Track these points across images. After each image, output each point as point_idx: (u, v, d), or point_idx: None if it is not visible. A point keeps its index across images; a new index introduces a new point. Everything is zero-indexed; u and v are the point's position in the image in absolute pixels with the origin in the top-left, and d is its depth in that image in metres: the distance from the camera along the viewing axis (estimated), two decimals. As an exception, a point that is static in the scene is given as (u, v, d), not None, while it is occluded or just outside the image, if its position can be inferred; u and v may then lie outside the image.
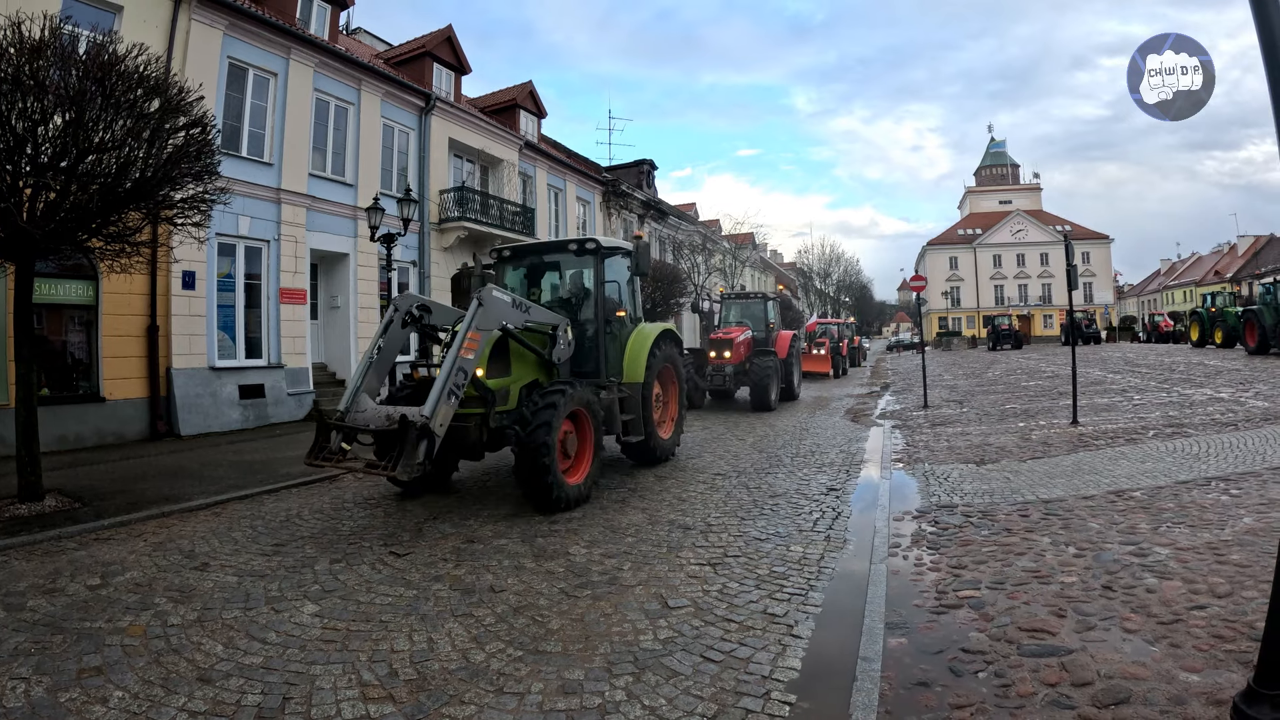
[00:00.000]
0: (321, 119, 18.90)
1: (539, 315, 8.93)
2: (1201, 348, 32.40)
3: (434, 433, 6.83)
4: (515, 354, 8.71)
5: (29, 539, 6.94)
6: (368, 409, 7.62)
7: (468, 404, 7.84)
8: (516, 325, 8.39)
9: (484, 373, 8.02)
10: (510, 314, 8.25)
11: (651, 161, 41.72)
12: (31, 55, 7.10)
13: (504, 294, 8.24)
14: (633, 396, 10.21)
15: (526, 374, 8.84)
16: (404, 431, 6.71)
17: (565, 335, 9.19)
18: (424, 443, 6.72)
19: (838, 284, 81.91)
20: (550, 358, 8.95)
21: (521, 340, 8.56)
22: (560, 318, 9.33)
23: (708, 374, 19.32)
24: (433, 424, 6.81)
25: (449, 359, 7.20)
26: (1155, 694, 3.51)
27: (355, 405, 7.61)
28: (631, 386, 10.24)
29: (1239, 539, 5.77)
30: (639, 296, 11.60)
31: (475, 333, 7.51)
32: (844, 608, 5.12)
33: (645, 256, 10.19)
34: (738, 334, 19.59)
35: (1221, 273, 69.98)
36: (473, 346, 7.43)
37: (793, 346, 21.49)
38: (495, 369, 8.42)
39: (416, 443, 6.69)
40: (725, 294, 24.37)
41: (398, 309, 8.44)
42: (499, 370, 8.51)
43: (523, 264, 11.01)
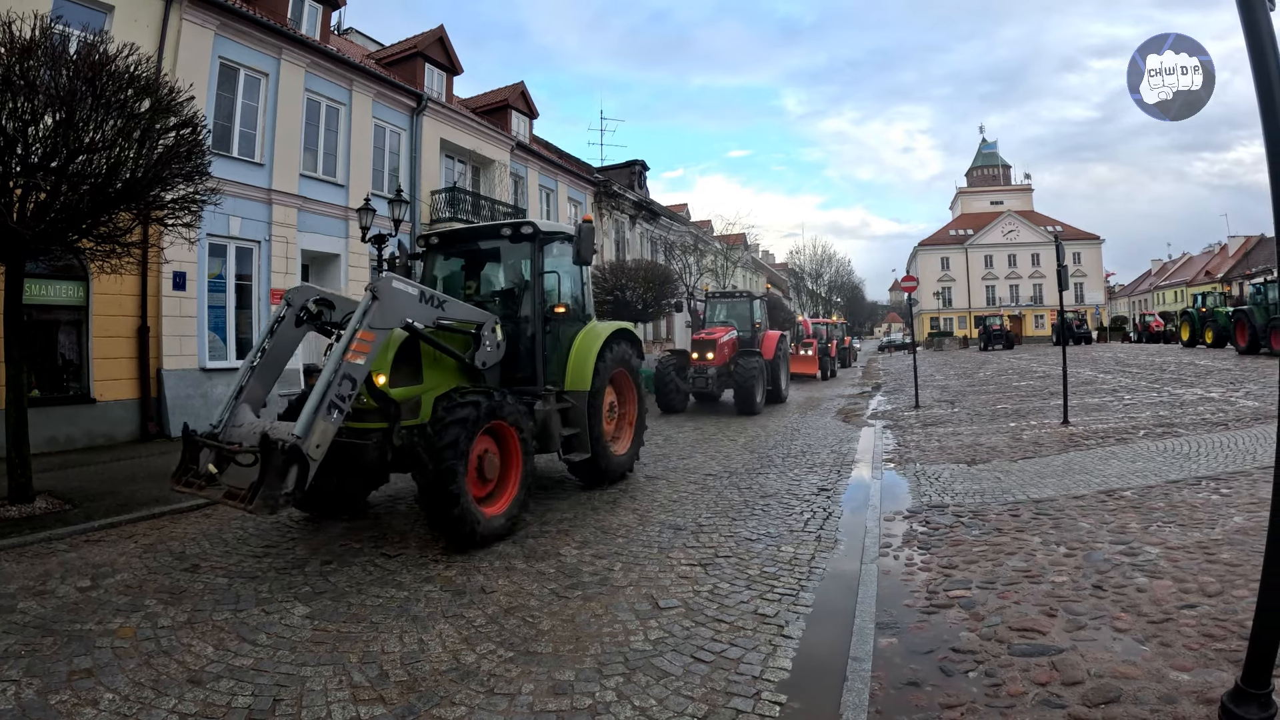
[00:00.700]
0: (313, 119, 18.84)
1: (457, 311, 7.61)
2: (1192, 348, 32.52)
3: (307, 456, 5.60)
4: (429, 358, 7.50)
5: (19, 541, 6.91)
6: (245, 424, 6.42)
7: (367, 417, 6.91)
8: (427, 323, 7.12)
9: (386, 380, 6.85)
10: (416, 309, 6.96)
11: (643, 162, 41.75)
12: (22, 55, 7.07)
13: (407, 285, 6.94)
14: (578, 407, 8.86)
15: (443, 381, 7.53)
16: (266, 455, 5.43)
17: (494, 335, 7.96)
18: (294, 469, 5.52)
19: (829, 284, 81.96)
20: (473, 362, 7.71)
21: (433, 341, 7.34)
22: (488, 315, 8.02)
23: (690, 376, 18.69)
24: (305, 445, 5.60)
25: (329, 364, 6.01)
26: (1145, 693, 3.53)
27: (232, 419, 6.47)
28: (576, 395, 8.89)
29: (1229, 538, 5.80)
30: (589, 289, 10.22)
31: (368, 332, 6.23)
32: (835, 608, 5.13)
33: (588, 242, 8.52)
34: (721, 334, 19.04)
35: (1212, 273, 70.23)
36: (363, 349, 6.15)
37: (780, 347, 20.90)
38: (402, 376, 7.17)
39: (283, 469, 5.47)
40: (710, 293, 23.24)
41: (290, 304, 7.15)
42: (407, 377, 7.25)
43: (456, 253, 9.64)
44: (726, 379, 18.55)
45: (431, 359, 7.51)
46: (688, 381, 18.72)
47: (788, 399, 21.17)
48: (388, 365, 6.84)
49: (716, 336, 18.78)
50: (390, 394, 6.88)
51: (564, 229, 9.17)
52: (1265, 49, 2.92)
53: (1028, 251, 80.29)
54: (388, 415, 6.87)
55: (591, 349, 9.07)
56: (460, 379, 7.70)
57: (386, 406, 6.88)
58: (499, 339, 8.05)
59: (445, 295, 7.51)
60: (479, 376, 7.84)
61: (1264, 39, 2.93)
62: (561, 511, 8.05)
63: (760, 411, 17.97)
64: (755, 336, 20.42)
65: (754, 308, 21.24)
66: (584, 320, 9.64)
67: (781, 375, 20.79)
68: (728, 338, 19.06)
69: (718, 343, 18.51)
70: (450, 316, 7.49)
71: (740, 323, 20.79)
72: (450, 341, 7.62)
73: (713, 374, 18.31)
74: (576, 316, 9.47)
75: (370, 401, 6.80)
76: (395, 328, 6.74)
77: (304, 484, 5.59)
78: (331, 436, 5.88)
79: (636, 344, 10.27)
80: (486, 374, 7.94)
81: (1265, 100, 2.92)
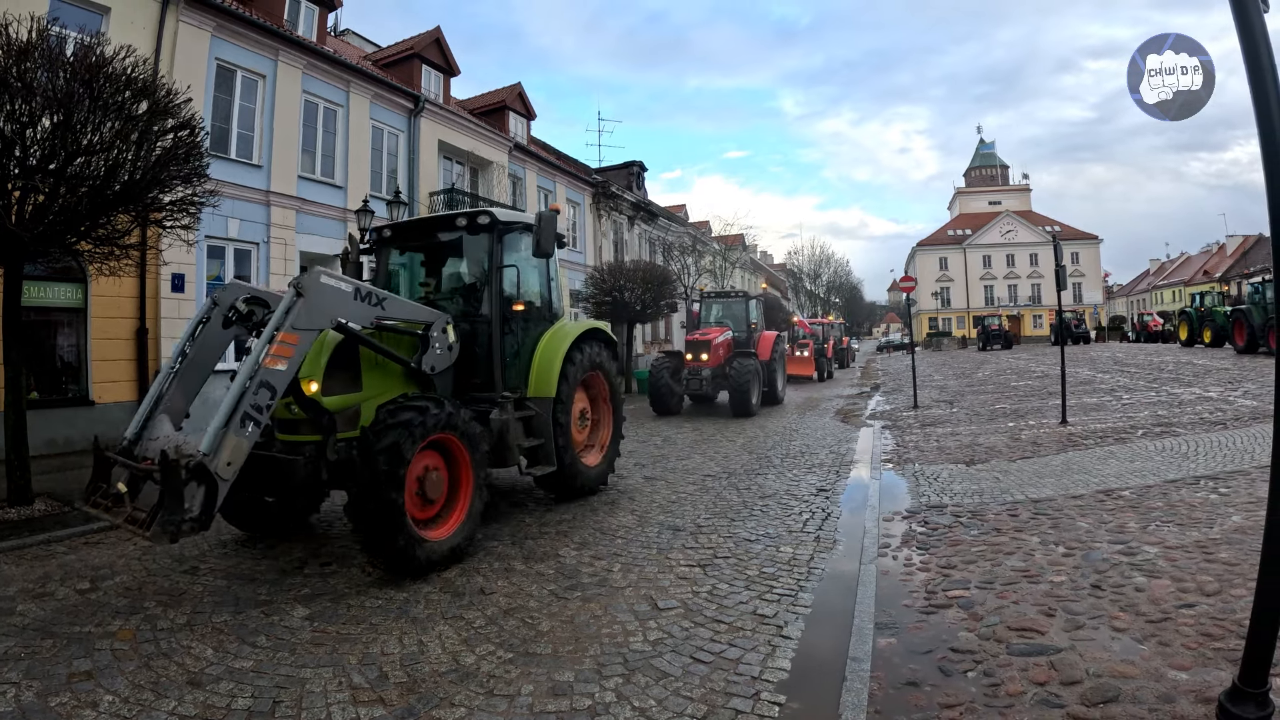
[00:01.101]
0: (310, 121, 18.82)
1: (400, 310, 6.92)
2: (1190, 347, 32.55)
3: (215, 475, 4.96)
4: (369, 363, 6.77)
5: (18, 543, 6.91)
6: (161, 437, 5.68)
7: (300, 429, 6.35)
8: (364, 323, 6.46)
9: (319, 388, 6.13)
10: (350, 308, 6.23)
11: (641, 163, 41.74)
12: (19, 57, 7.07)
13: (338, 280, 6.17)
14: (542, 416, 8.13)
15: (387, 389, 6.79)
16: (165, 475, 4.77)
17: (444, 337, 7.30)
18: (200, 490, 4.93)
19: (828, 285, 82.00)
20: (419, 366, 7.03)
21: (372, 344, 6.61)
22: (437, 314, 7.33)
23: (684, 378, 18.39)
24: (213, 463, 4.96)
25: (243, 370, 5.32)
26: (1144, 692, 3.54)
27: (148, 431, 5.76)
28: (540, 402, 8.15)
29: (1227, 537, 5.81)
30: (559, 285, 9.36)
31: (291, 334, 5.53)
32: (833, 608, 5.14)
33: (549, 232, 7.65)
34: (716, 335, 18.70)
35: (1210, 272, 70.27)
36: (285, 353, 5.46)
37: (776, 348, 20.55)
38: (338, 383, 6.42)
39: (185, 490, 4.84)
40: (705, 293, 22.51)
41: (217, 303, 6.41)
42: (344, 384, 6.50)
43: (412, 246, 8.93)
44: (721, 380, 18.30)
45: (372, 364, 6.79)
46: (682, 383, 18.43)
47: (784, 400, 20.97)
48: (320, 371, 6.14)
49: (711, 337, 18.44)
50: (323, 403, 6.20)
51: (525, 218, 8.51)
52: (1259, 50, 2.93)
53: (1026, 251, 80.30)
54: (321, 427, 6.25)
55: (558, 351, 8.36)
56: (407, 386, 7.02)
57: (319, 417, 6.24)
58: (450, 340, 7.41)
59: (386, 292, 6.81)
60: (429, 383, 7.17)
61: (1258, 40, 2.94)
62: (560, 513, 8.06)
63: (756, 413, 17.71)
64: (751, 337, 20.05)
65: (750, 308, 20.83)
66: (550, 320, 8.91)
67: (778, 376, 20.50)
68: (722, 339, 18.80)
69: (712, 344, 18.19)
70: (392, 316, 6.83)
71: (736, 323, 20.44)
72: (394, 344, 6.97)
73: (707, 375, 18.02)
74: (541, 315, 8.78)
75: (299, 412, 6.19)
76: (326, 329, 6.04)
77: (212, 507, 4.97)
78: (245, 452, 5.18)
79: (612, 345, 9.62)
80: (437, 380, 7.27)
81: (1260, 101, 2.93)
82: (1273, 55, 2.92)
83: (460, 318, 7.89)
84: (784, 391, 21.39)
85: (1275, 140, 2.89)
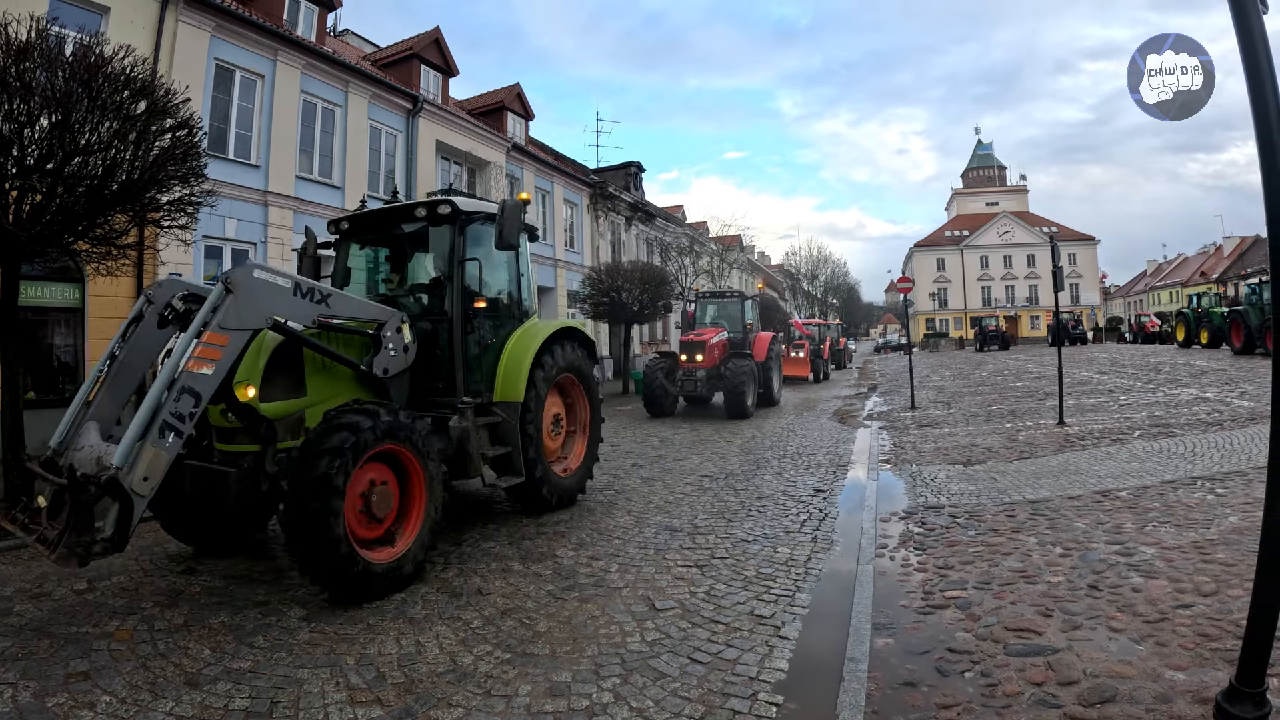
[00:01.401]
0: (308, 121, 18.81)
1: (346, 307, 6.39)
2: (1187, 348, 32.60)
3: (130, 492, 4.51)
4: (315, 366, 6.24)
5: (15, 543, 6.87)
6: (87, 447, 5.09)
7: (237, 438, 5.89)
8: (305, 322, 5.93)
9: (256, 393, 5.64)
10: (288, 305, 5.69)
11: (639, 164, 41.74)
12: (18, 56, 7.06)
13: (274, 275, 5.64)
14: (509, 422, 7.55)
15: (335, 394, 6.28)
16: (73, 492, 4.41)
17: (398, 337, 6.73)
18: (115, 507, 4.51)
19: (825, 286, 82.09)
20: (370, 369, 6.46)
21: (315, 345, 6.08)
22: (391, 312, 6.77)
23: (678, 379, 18.15)
24: (128, 478, 4.50)
25: (162, 375, 4.81)
26: (1141, 692, 3.54)
27: (75, 440, 5.20)
28: (507, 408, 7.57)
29: (1224, 538, 5.82)
30: (529, 279, 8.67)
31: (219, 334, 5.04)
32: (831, 609, 5.15)
33: (513, 222, 7.06)
34: (711, 335, 18.53)
35: (1207, 273, 70.40)
36: (211, 355, 4.97)
37: (772, 349, 20.38)
38: (279, 388, 5.92)
39: (94, 509, 4.45)
40: (700, 293, 22.30)
41: (152, 300, 5.74)
42: (286, 389, 5.99)
43: (374, 240, 8.29)
44: (717, 382, 18.09)
45: (318, 366, 6.28)
46: (676, 385, 18.24)
47: (781, 402, 20.88)
48: (258, 375, 5.67)
49: (706, 338, 18.28)
50: (261, 410, 5.71)
51: (489, 208, 7.89)
52: (1258, 51, 2.94)
53: (1023, 252, 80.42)
54: (259, 436, 5.78)
55: (526, 352, 7.74)
56: (358, 390, 6.51)
57: (255, 426, 5.75)
58: (406, 341, 6.83)
59: (331, 288, 6.31)
60: (382, 387, 6.65)
61: (1256, 41, 2.95)
62: (557, 514, 8.05)
63: (751, 415, 17.59)
64: (747, 338, 19.87)
65: (745, 308, 20.61)
66: (520, 319, 8.31)
67: (774, 377, 20.32)
68: (718, 339, 18.66)
69: (707, 344, 18.02)
70: (339, 314, 6.28)
71: (731, 324, 20.29)
72: (344, 345, 6.48)
73: (702, 376, 17.83)
74: (510, 314, 8.22)
75: (233, 420, 5.78)
76: (261, 328, 5.53)
77: (127, 526, 4.53)
78: (165, 465, 4.70)
79: (589, 346, 8.97)
80: (392, 384, 6.73)
81: (1258, 102, 2.94)
82: (1271, 57, 2.93)
83: (421, 316, 7.44)
84: (780, 393, 21.25)
85: (1273, 141, 2.90)
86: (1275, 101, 2.91)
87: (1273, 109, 2.91)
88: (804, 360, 30.18)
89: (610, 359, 33.34)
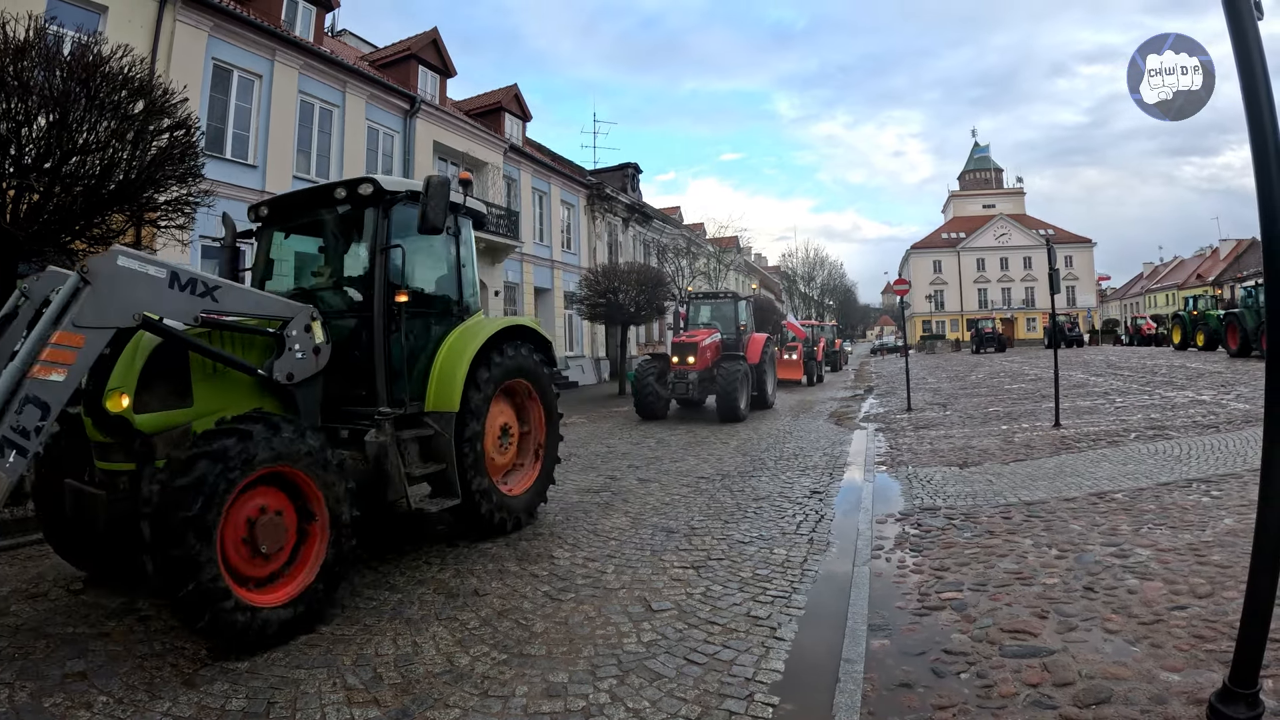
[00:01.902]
0: (306, 121, 18.84)
1: (239, 301, 5.40)
2: (1183, 350, 32.62)
3: None
4: (203, 371, 5.29)
5: (11, 543, 6.91)
6: None
7: (111, 455, 5.07)
8: (187, 319, 4.96)
9: (129, 403, 4.79)
10: (162, 299, 4.76)
11: (636, 165, 41.81)
12: (16, 56, 7.07)
13: (143, 264, 4.69)
14: (443, 435, 6.57)
15: (229, 403, 5.28)
16: None
17: (306, 337, 5.73)
18: None
19: (822, 287, 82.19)
20: (270, 374, 5.50)
21: (198, 345, 5.16)
22: (298, 308, 5.76)
23: (670, 381, 17.80)
24: None
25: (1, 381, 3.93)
26: (1136, 693, 3.55)
27: None
28: (440, 418, 6.59)
29: (1220, 540, 5.84)
30: (472, 272, 7.66)
31: (72, 333, 4.19)
32: (827, 610, 5.15)
33: (439, 202, 6.03)
34: (703, 337, 18.05)
35: (1204, 276, 70.56)
36: (63, 358, 4.13)
37: (766, 350, 19.95)
38: (158, 396, 5.03)
39: None
40: (693, 294, 21.69)
41: (27, 295, 4.88)
42: (167, 398, 5.09)
43: (295, 227, 7.33)
44: (709, 384, 17.74)
45: (207, 372, 5.33)
46: (668, 387, 17.91)
47: (775, 404, 20.62)
48: (133, 381, 4.85)
49: (698, 339, 17.79)
50: (135, 422, 4.84)
51: (416, 185, 6.64)
52: (1252, 56, 2.96)
53: (1020, 255, 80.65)
54: (135, 453, 5.00)
55: (463, 354, 6.76)
56: (259, 399, 5.52)
57: (129, 441, 4.97)
58: (317, 341, 5.83)
59: (219, 279, 5.35)
60: (289, 396, 5.68)
61: (1251, 46, 2.96)
62: (553, 514, 8.05)
63: (744, 418, 17.25)
64: (740, 340, 19.38)
65: (739, 309, 20.09)
66: (459, 316, 7.32)
67: (768, 380, 20.07)
68: (710, 341, 18.21)
69: (699, 346, 17.55)
70: (231, 309, 5.33)
71: (725, 325, 19.80)
72: (241, 347, 5.57)
73: (694, 379, 17.46)
74: (446, 310, 7.28)
75: (98, 434, 5.03)
76: (129, 326, 4.60)
77: None
78: (8, 487, 3.90)
79: (544, 345, 7.98)
80: (299, 391, 5.72)
81: (1252, 105, 2.95)
82: (1266, 62, 2.95)
83: (345, 313, 6.60)
84: (774, 395, 20.96)
85: (1267, 145, 2.92)
86: (1270, 106, 2.93)
87: (1267, 112, 2.93)
88: (797, 363, 29.85)
89: (607, 360, 33.37)
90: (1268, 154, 2.92)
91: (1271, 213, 2.93)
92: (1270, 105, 2.93)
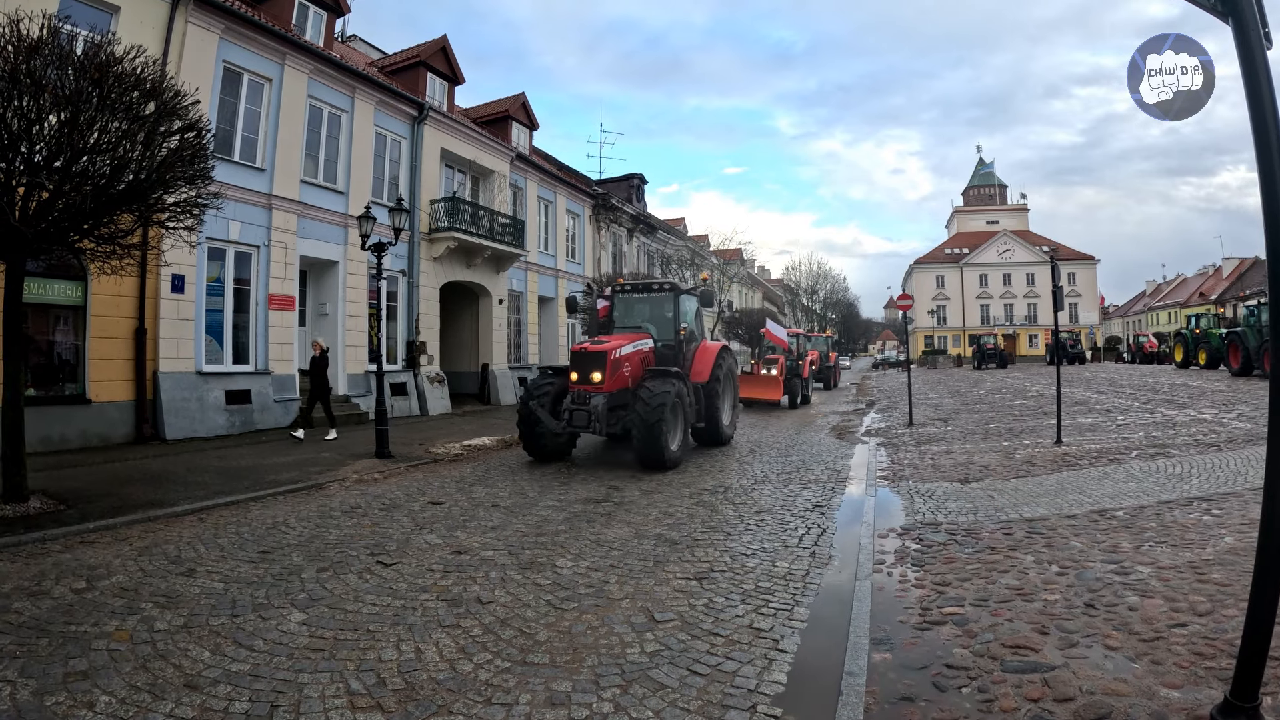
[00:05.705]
0: (315, 125, 18.91)
1: None
2: (1185, 369, 32.62)
3: None
4: None
5: (13, 540, 6.90)
6: None
7: None
8: None
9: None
10: None
11: (641, 176, 41.93)
12: (29, 54, 7.11)
13: None
14: None
15: None
16: None
17: None
18: None
19: (824, 301, 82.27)
20: None
21: None
22: None
23: (565, 408, 12.39)
24: None
25: None
26: (1136, 710, 3.56)
27: None
28: None
29: (1220, 558, 5.84)
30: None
31: None
32: (829, 623, 5.15)
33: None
34: (619, 344, 12.76)
35: (1206, 294, 70.59)
36: None
37: (721, 364, 14.55)
38: None
39: None
40: (618, 286, 15.91)
41: None
42: None
43: None
44: (622, 411, 12.30)
45: None
46: (560, 417, 12.40)
47: (733, 438, 15.48)
48: None
49: (607, 348, 12.41)
50: None
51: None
52: (1261, 84, 2.98)
53: (1023, 271, 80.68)
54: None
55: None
56: None
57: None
58: None
59: None
60: None
61: (1260, 74, 2.99)
62: (556, 524, 8.06)
63: (677, 464, 12.02)
64: (683, 349, 14.11)
65: (680, 305, 14.57)
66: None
67: (722, 406, 14.59)
68: (630, 350, 12.99)
69: (608, 358, 12.25)
70: None
71: (661, 328, 14.43)
72: None
73: (599, 404, 11.99)
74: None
75: None
76: None
77: None
78: None
79: None
80: None
81: (1259, 129, 2.97)
82: (1274, 89, 2.97)
83: None
84: (733, 426, 15.63)
85: (1273, 167, 2.94)
86: (1277, 129, 2.95)
87: (1274, 136, 2.95)
88: (775, 380, 24.85)
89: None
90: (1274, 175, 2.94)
91: (1276, 233, 2.96)
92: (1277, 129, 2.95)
